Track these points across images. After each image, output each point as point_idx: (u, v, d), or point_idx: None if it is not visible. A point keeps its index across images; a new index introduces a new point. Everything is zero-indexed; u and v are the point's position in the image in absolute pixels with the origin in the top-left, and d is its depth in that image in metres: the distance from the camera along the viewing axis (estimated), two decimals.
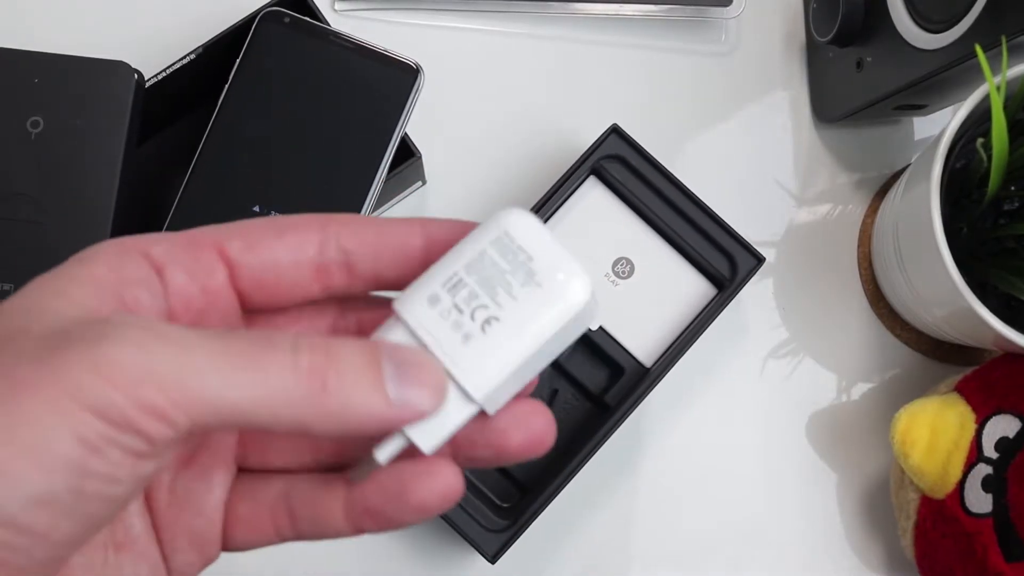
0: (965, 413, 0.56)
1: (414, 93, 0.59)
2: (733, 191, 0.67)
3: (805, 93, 0.69)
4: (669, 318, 0.61)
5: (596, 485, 0.64)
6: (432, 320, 0.31)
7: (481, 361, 0.31)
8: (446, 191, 0.67)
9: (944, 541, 0.56)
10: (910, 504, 0.58)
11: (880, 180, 0.68)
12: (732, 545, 0.64)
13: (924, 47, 0.56)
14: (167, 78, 0.60)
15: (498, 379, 0.31)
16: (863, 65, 0.61)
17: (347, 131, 0.58)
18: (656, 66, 0.69)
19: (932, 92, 0.59)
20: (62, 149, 0.56)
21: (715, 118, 0.69)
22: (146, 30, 0.67)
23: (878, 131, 0.69)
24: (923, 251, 0.55)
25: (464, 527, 0.57)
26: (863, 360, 0.66)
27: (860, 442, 0.65)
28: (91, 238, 0.54)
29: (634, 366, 0.60)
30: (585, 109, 0.68)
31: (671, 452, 0.65)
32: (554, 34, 0.69)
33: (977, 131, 0.55)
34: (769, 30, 0.70)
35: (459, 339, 0.31)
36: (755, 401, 0.65)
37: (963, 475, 0.55)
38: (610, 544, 0.64)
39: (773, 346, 0.66)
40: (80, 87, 0.56)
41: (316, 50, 0.59)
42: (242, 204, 0.58)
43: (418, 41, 0.67)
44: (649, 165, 0.61)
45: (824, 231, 0.67)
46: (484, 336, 0.31)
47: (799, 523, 0.64)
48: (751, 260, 0.61)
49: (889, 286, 0.64)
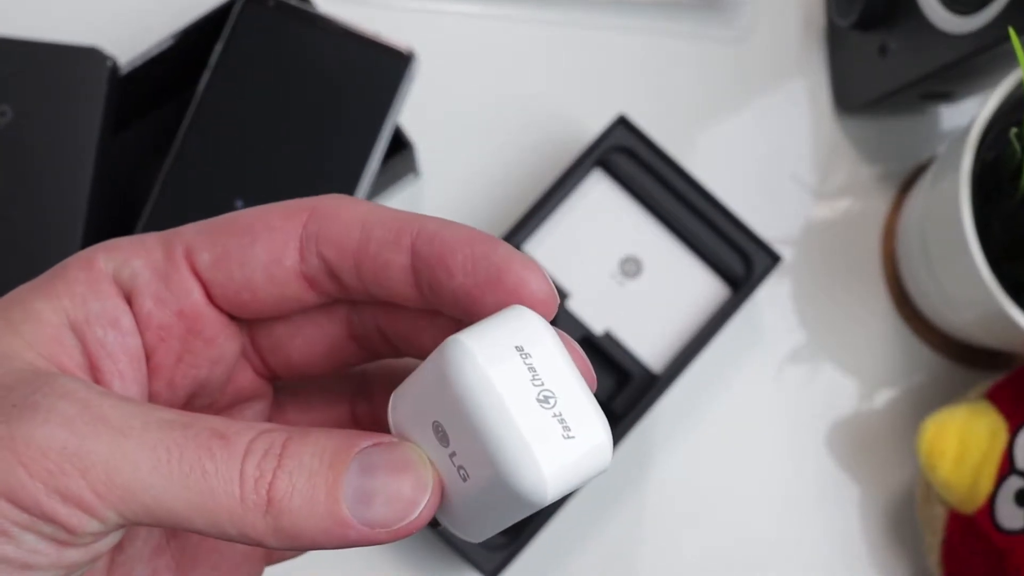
0: (996, 422, 0.56)
1: (407, 80, 0.59)
2: (748, 185, 0.67)
3: (825, 81, 0.69)
4: (679, 321, 0.61)
5: (601, 499, 0.63)
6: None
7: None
8: (441, 183, 0.67)
9: (974, 559, 0.56)
10: (937, 520, 0.58)
11: (905, 173, 0.68)
12: (747, 563, 0.64)
13: (953, 31, 0.55)
14: (144, 64, 0.60)
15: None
16: (887, 50, 0.61)
17: (335, 121, 0.59)
18: (665, 53, 0.69)
19: (961, 79, 0.59)
20: (31, 140, 0.57)
21: (728, 108, 0.69)
22: (121, 12, 0.67)
23: (902, 121, 0.68)
24: (952, 249, 0.55)
25: (460, 543, 0.58)
26: (887, 366, 0.66)
27: (883, 453, 0.65)
28: (63, 234, 0.56)
29: (642, 372, 0.60)
30: (590, 98, 0.68)
31: (681, 464, 0.65)
32: (557, 18, 0.69)
33: (1009, 120, 0.54)
34: (786, 14, 0.70)
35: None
36: (771, 409, 0.65)
37: (994, 488, 0.54)
38: (616, 562, 0.64)
39: (790, 351, 0.66)
40: (50, 74, 0.57)
41: (302, 35, 0.60)
42: (223, 198, 0.58)
43: (411, 25, 0.67)
44: (658, 158, 0.62)
45: (845, 228, 0.67)
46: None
47: (818, 540, 0.64)
48: (767, 259, 0.61)
49: (915, 287, 0.63)
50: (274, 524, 0.26)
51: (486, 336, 0.26)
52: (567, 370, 0.26)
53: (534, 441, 0.25)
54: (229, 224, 0.30)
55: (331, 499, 0.26)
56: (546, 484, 0.25)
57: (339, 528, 0.26)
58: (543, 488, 0.25)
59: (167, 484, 0.26)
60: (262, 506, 0.26)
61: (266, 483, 0.26)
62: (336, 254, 0.29)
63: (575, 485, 0.25)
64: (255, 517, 0.26)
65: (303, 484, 0.26)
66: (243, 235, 0.30)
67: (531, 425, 0.25)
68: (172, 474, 0.26)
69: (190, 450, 0.26)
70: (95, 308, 0.29)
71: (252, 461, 0.26)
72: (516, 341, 0.26)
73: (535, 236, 0.60)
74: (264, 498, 0.26)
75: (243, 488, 0.26)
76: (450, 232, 0.29)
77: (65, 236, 0.56)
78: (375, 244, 0.29)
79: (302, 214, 0.30)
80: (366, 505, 0.26)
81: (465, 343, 0.26)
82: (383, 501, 0.27)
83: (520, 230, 0.59)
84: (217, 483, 0.26)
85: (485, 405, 0.25)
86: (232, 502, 0.26)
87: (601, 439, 0.26)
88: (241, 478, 0.26)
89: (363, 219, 0.29)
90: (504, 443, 0.25)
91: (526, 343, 0.26)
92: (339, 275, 0.30)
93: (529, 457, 0.25)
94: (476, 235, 0.28)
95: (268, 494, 0.26)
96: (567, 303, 0.60)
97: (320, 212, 0.30)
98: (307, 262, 0.30)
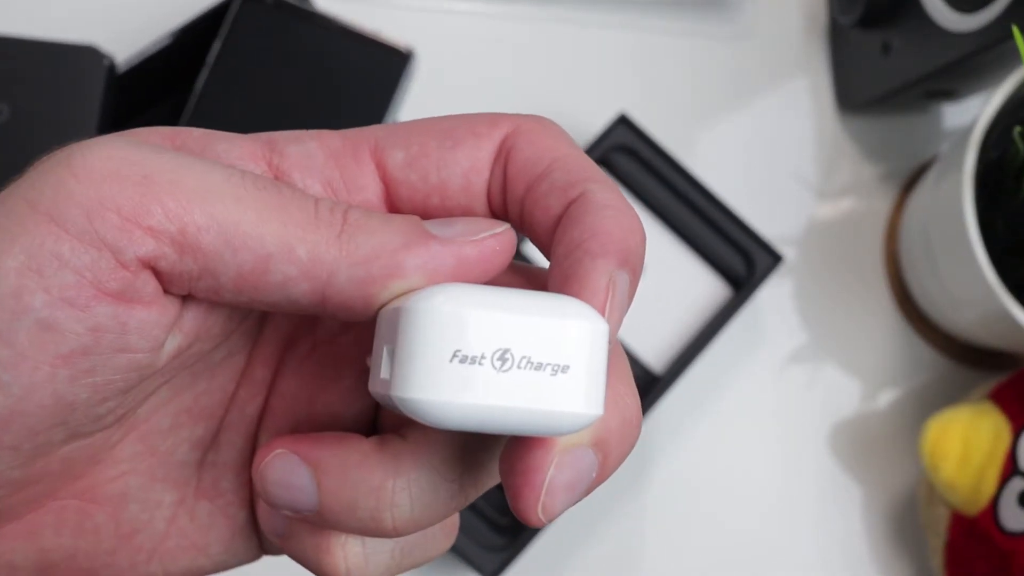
0: (1000, 423, 0.56)
1: (406, 78, 0.59)
2: (750, 185, 0.66)
3: (827, 79, 0.69)
4: (681, 321, 0.61)
5: (601, 500, 0.63)
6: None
7: None
8: None
9: (977, 561, 0.56)
10: (940, 521, 0.58)
11: (908, 172, 0.68)
12: (748, 564, 0.64)
13: (956, 29, 0.56)
14: (141, 63, 0.60)
15: None
16: (890, 48, 0.61)
17: (334, 120, 0.59)
18: (666, 51, 0.69)
19: (964, 77, 0.59)
20: (29, 138, 0.56)
21: (730, 106, 0.69)
22: (118, 10, 0.66)
23: (905, 119, 0.68)
24: (955, 248, 0.55)
25: (459, 544, 0.57)
26: (889, 366, 0.66)
27: (886, 454, 0.65)
28: None
29: (643, 373, 0.60)
30: (591, 97, 0.68)
31: (682, 465, 0.64)
32: (557, 16, 0.69)
33: (1013, 119, 0.55)
34: (788, 12, 0.70)
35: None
36: (773, 410, 0.65)
37: (997, 490, 0.55)
38: (616, 564, 0.63)
39: (792, 351, 0.66)
40: (48, 73, 0.57)
41: (301, 33, 0.60)
42: None
43: (410, 24, 0.67)
44: (660, 157, 0.62)
45: (847, 227, 0.67)
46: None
47: (820, 541, 0.64)
48: (769, 259, 0.61)
49: (918, 286, 0.63)
50: (347, 248, 0.25)
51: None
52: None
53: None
54: (426, 126, 0.28)
55: (409, 220, 0.25)
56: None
57: (422, 239, 0.25)
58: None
59: (238, 193, 0.24)
60: (337, 226, 0.25)
61: (341, 210, 0.25)
62: (515, 179, 0.28)
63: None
64: (329, 237, 0.25)
65: (377, 219, 0.25)
66: (445, 138, 0.28)
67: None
68: (245, 185, 0.24)
69: (264, 182, 0.25)
70: (293, 151, 0.27)
71: (324, 201, 0.25)
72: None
73: None
74: (340, 219, 0.25)
75: (319, 209, 0.25)
76: (604, 218, 0.26)
77: None
78: (547, 184, 0.27)
79: (504, 127, 0.28)
80: (446, 225, 0.26)
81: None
82: (462, 224, 0.26)
83: None
84: (291, 200, 0.25)
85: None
86: (307, 217, 0.24)
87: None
88: (316, 204, 0.25)
89: (554, 155, 0.28)
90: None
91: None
92: (506, 198, 0.28)
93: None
94: (620, 240, 0.26)
95: (344, 216, 0.25)
96: None
97: (521, 131, 0.28)
98: (494, 177, 0.28)
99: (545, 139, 0.28)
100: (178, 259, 0.24)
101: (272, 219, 0.24)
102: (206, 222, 0.24)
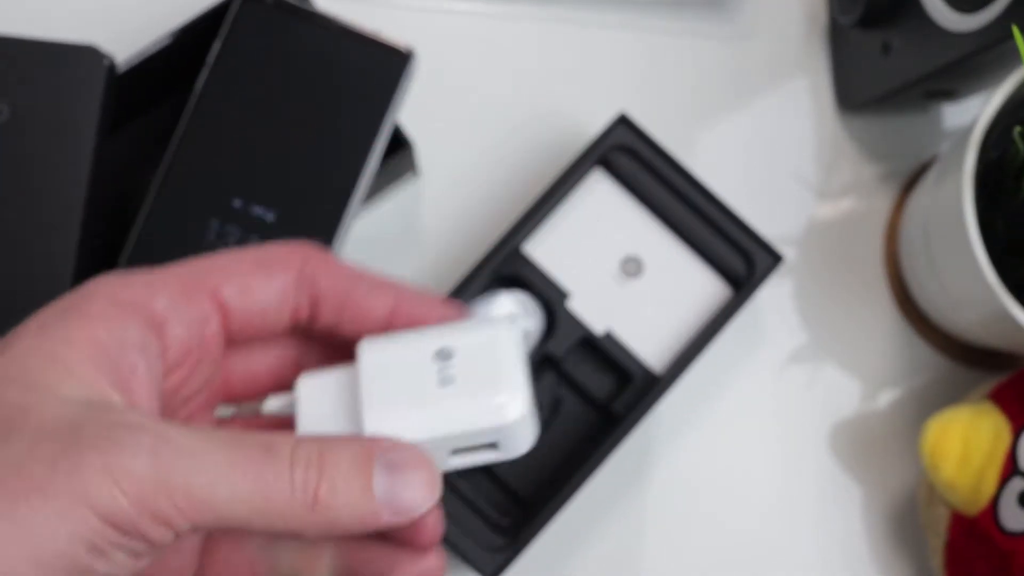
0: (1000, 423, 0.55)
1: (406, 79, 0.59)
2: (749, 185, 0.66)
3: (827, 79, 0.68)
4: (681, 321, 0.61)
5: (602, 501, 0.63)
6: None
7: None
8: (441, 182, 0.67)
9: (977, 561, 0.56)
10: (940, 521, 0.57)
11: (908, 172, 0.68)
12: (748, 564, 0.64)
13: (956, 29, 0.55)
14: (141, 63, 0.60)
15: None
16: (890, 48, 0.61)
17: (334, 120, 0.58)
18: (666, 51, 0.69)
19: (964, 77, 0.59)
20: (28, 139, 0.56)
21: (730, 106, 0.68)
22: (118, 10, 0.67)
23: (905, 119, 0.68)
24: (955, 249, 0.55)
25: (459, 544, 0.57)
26: (889, 366, 0.66)
27: (886, 454, 0.64)
28: (60, 232, 0.56)
29: (643, 373, 0.60)
30: (591, 96, 0.68)
31: (682, 465, 0.64)
32: (558, 16, 0.69)
33: (1013, 119, 0.54)
34: (788, 11, 0.69)
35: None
36: (773, 410, 0.65)
37: (997, 490, 0.54)
38: (616, 564, 0.63)
39: (792, 351, 0.66)
40: (47, 73, 0.56)
41: (301, 33, 0.59)
42: (221, 196, 0.58)
43: (410, 24, 0.67)
44: (660, 157, 0.61)
45: (847, 227, 0.67)
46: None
47: (820, 541, 0.64)
48: (769, 259, 0.60)
49: (918, 286, 0.63)
50: (319, 518, 0.33)
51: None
52: None
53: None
54: (243, 258, 0.38)
55: (365, 493, 0.34)
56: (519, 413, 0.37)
57: (372, 517, 0.34)
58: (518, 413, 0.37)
59: (234, 493, 0.32)
60: (309, 505, 0.33)
61: (312, 487, 0.33)
62: (329, 287, 0.38)
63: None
64: (303, 513, 0.33)
65: (342, 485, 0.33)
66: (258, 267, 0.38)
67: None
68: (237, 484, 0.32)
69: (251, 465, 0.32)
70: (129, 335, 0.34)
71: (299, 470, 0.33)
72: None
73: (535, 236, 0.60)
74: (312, 498, 0.33)
75: (294, 492, 0.33)
76: (428, 299, 0.39)
77: (62, 235, 0.55)
78: (362, 289, 0.38)
79: (302, 251, 0.38)
80: (394, 493, 0.34)
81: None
82: (407, 487, 0.34)
83: (520, 229, 0.59)
84: (273, 490, 0.32)
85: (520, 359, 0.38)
86: (285, 503, 0.33)
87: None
88: (292, 484, 0.33)
89: (349, 269, 0.39)
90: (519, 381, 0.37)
91: None
92: (319, 313, 0.38)
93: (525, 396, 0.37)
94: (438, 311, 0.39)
95: (315, 494, 0.33)
96: (567, 303, 0.59)
97: (317, 254, 0.38)
98: (299, 295, 0.38)
99: (333, 259, 0.39)
100: None
101: (261, 509, 0.33)
102: (212, 520, 0.33)
